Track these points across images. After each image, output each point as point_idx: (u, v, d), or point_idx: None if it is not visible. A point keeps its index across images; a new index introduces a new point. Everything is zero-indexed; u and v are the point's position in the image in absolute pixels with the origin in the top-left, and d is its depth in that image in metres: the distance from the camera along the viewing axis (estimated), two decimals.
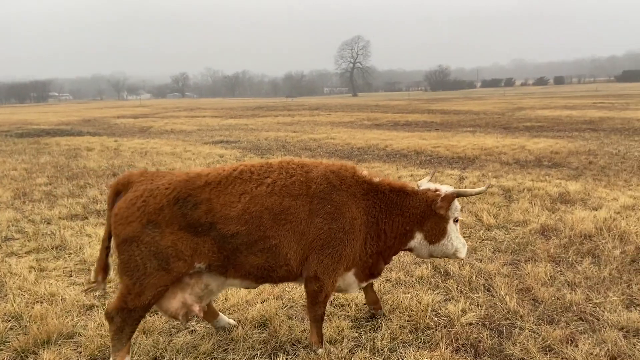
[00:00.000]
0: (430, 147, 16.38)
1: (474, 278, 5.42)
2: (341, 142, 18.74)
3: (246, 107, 57.98)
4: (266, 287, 5.16)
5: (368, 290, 4.58)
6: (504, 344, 4.12)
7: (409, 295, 5.01)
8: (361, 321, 4.58)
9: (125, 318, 3.52)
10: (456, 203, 4.05)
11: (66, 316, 4.61)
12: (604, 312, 4.60)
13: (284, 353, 3.99)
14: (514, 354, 3.95)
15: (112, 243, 3.58)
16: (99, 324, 4.45)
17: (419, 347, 4.08)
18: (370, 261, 4.02)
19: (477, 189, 4.18)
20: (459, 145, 16.63)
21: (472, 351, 4.01)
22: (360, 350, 4.02)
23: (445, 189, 4.04)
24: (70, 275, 5.74)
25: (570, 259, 5.93)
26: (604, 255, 5.99)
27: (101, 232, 7.08)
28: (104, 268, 3.76)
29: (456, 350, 4.02)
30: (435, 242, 4.06)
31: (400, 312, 4.69)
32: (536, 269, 5.56)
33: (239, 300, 4.86)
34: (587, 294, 4.98)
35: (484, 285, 5.29)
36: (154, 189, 3.49)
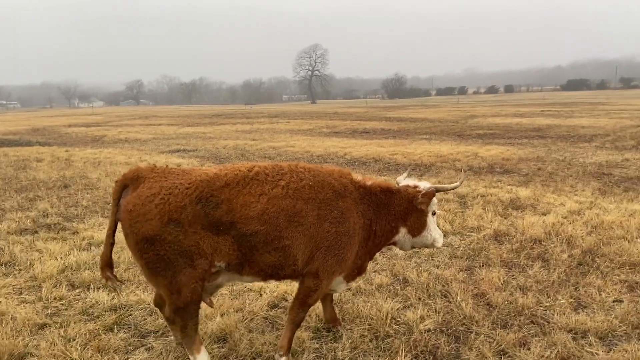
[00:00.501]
0: (388, 154, 16.65)
1: (431, 284, 5.55)
2: (300, 150, 18.79)
3: (204, 114, 57.25)
4: (226, 300, 5.12)
5: (327, 306, 4.62)
6: (460, 349, 4.23)
7: (369, 304, 5.07)
8: (322, 332, 4.60)
9: (183, 315, 3.62)
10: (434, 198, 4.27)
11: (17, 336, 4.42)
12: (553, 314, 4.80)
13: None
14: (470, 358, 4.06)
15: (129, 241, 3.53)
16: (51, 343, 4.29)
17: (379, 356, 4.14)
18: (359, 262, 4.18)
19: (452, 185, 4.44)
20: (415, 152, 16.98)
21: (431, 357, 4.10)
22: None
23: (423, 185, 4.25)
24: (21, 293, 5.51)
25: (521, 264, 6.15)
26: (552, 259, 6.24)
27: (52, 246, 6.86)
28: (108, 264, 3.77)
29: (415, 357, 4.11)
30: (417, 234, 4.27)
31: (360, 321, 4.74)
32: (490, 274, 5.75)
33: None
34: (538, 298, 5.18)
35: (441, 291, 5.41)
36: (173, 187, 3.49)
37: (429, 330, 4.55)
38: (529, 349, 4.18)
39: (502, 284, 5.54)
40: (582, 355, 4.07)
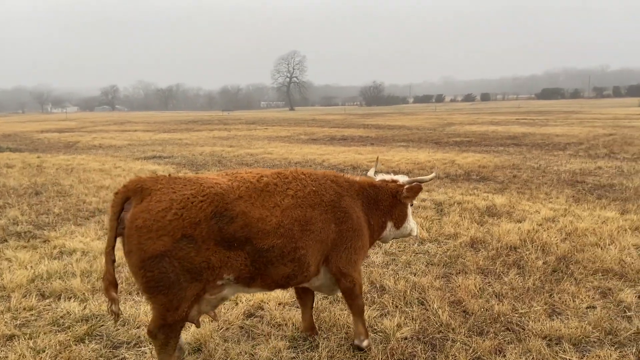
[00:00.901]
0: (366, 161, 16.70)
1: (408, 292, 5.55)
2: (278, 156, 18.73)
3: (180, 120, 56.74)
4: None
5: (306, 314, 4.60)
6: (437, 357, 4.23)
7: (346, 312, 5.03)
8: (298, 340, 4.55)
9: (168, 333, 3.45)
10: None
11: None
12: (528, 321, 4.83)
13: None
14: None
15: (132, 258, 3.24)
16: (20, 355, 4.15)
17: None
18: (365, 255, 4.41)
19: (429, 176, 4.64)
20: (393, 159, 17.07)
21: None
22: None
23: (401, 178, 4.43)
24: None
25: (497, 271, 6.20)
26: (528, 266, 6.31)
27: (22, 255, 6.67)
28: (112, 283, 3.43)
29: None
30: (400, 226, 4.47)
31: (337, 330, 4.71)
32: (466, 281, 5.77)
33: None
34: (513, 305, 5.22)
35: (418, 299, 5.42)
36: (186, 201, 3.27)
37: (405, 338, 4.54)
38: (505, 356, 4.20)
39: (478, 291, 5.57)
40: None
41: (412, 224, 4.53)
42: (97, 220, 8.82)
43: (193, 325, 4.66)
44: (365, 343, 4.26)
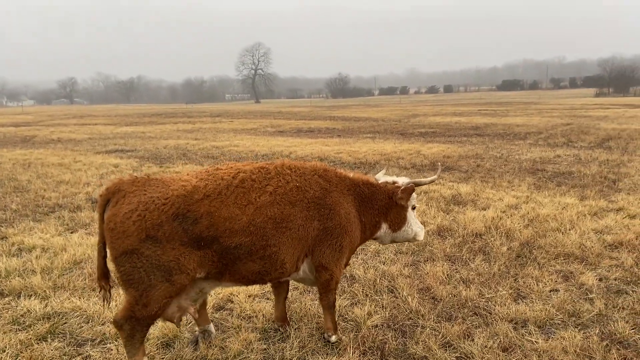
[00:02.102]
0: (333, 153, 16.72)
1: (378, 281, 5.58)
2: (245, 149, 18.54)
3: (143, 113, 55.49)
4: None
5: (280, 304, 4.55)
6: (407, 343, 4.27)
7: (317, 302, 5.03)
8: (269, 332, 4.52)
9: (134, 325, 3.46)
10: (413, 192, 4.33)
11: None
12: (495, 306, 4.94)
13: None
14: (417, 352, 4.10)
15: (110, 254, 3.43)
16: None
17: (327, 354, 4.10)
18: (354, 252, 4.30)
19: (429, 178, 4.52)
20: (360, 151, 17.15)
21: (379, 353, 4.11)
22: None
23: (402, 180, 4.33)
24: None
25: (464, 257, 6.31)
26: (493, 252, 6.44)
27: None
28: (104, 274, 3.64)
29: (363, 353, 4.10)
30: (397, 229, 4.36)
31: (308, 320, 4.70)
32: (434, 268, 5.85)
33: None
34: (480, 290, 5.32)
35: (387, 287, 5.46)
36: (150, 203, 3.36)
37: (376, 326, 4.57)
38: (473, 340, 4.27)
39: (446, 278, 5.65)
40: (523, 344, 4.20)
41: (415, 228, 4.39)
42: (57, 215, 8.53)
43: (162, 319, 4.59)
44: (333, 338, 4.25)
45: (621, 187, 10.39)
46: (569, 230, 7.23)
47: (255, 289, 5.34)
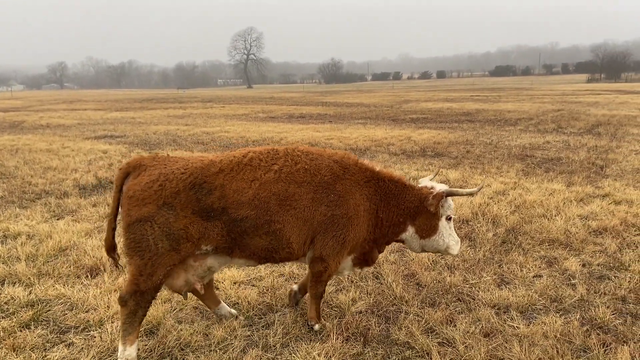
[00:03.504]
0: (324, 139, 16.68)
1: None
2: (235, 135, 18.44)
3: (134, 99, 55.00)
4: None
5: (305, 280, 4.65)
6: (390, 329, 4.30)
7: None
8: (254, 319, 4.53)
9: (139, 301, 3.60)
10: (449, 201, 4.15)
11: None
12: (479, 291, 4.98)
13: (171, 358, 3.83)
14: (400, 338, 4.14)
15: (122, 223, 3.59)
16: None
17: (311, 340, 4.12)
18: (367, 248, 4.21)
19: (468, 190, 4.36)
20: (351, 137, 17.11)
21: (361, 339, 4.13)
22: (253, 349, 3.98)
23: (439, 187, 4.15)
24: None
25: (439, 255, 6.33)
26: (479, 238, 6.48)
27: None
28: (112, 247, 3.83)
29: (346, 339, 4.12)
30: (426, 237, 4.19)
31: (293, 306, 4.71)
32: (420, 254, 5.87)
33: None
34: (465, 276, 5.36)
35: (373, 273, 5.48)
36: (170, 173, 3.60)
37: (360, 312, 4.60)
38: (455, 325, 4.31)
39: (431, 264, 5.68)
40: (504, 329, 4.24)
41: (447, 240, 4.19)
42: (43, 202, 8.47)
43: None
44: (317, 327, 4.26)
45: (608, 173, 10.46)
46: (555, 216, 7.28)
47: (240, 275, 5.35)
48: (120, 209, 3.65)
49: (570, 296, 4.87)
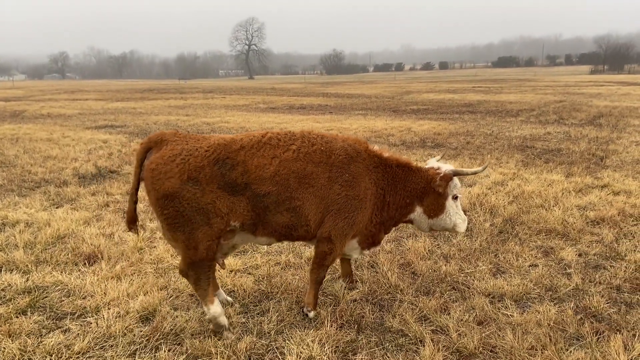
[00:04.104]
0: (324, 129, 16.65)
1: (360, 256, 5.60)
2: (235, 125, 18.43)
3: (135, 89, 54.92)
4: (149, 279, 4.95)
5: (344, 264, 4.87)
6: (384, 317, 4.32)
7: (298, 277, 5.08)
8: (249, 306, 4.56)
9: (197, 269, 3.81)
10: (455, 181, 4.29)
11: None
12: (474, 280, 4.99)
13: (166, 345, 3.85)
14: (393, 325, 4.16)
15: (150, 198, 3.72)
16: None
17: (305, 327, 4.15)
18: (373, 230, 4.30)
19: (474, 169, 4.44)
20: (350, 127, 17.09)
21: (355, 326, 4.16)
22: (247, 336, 4.00)
23: (445, 168, 4.29)
24: None
25: (446, 233, 6.35)
26: (476, 228, 6.49)
27: None
28: (133, 218, 4.03)
29: (340, 327, 4.14)
30: (434, 216, 4.33)
31: (288, 294, 4.74)
32: (416, 244, 5.89)
33: (118, 294, 4.60)
34: (460, 265, 5.37)
35: (369, 262, 5.50)
36: (193, 149, 3.70)
37: (355, 300, 4.61)
38: (449, 313, 4.33)
39: (427, 253, 5.70)
40: (498, 317, 4.26)
41: (455, 218, 4.31)
42: (42, 191, 8.49)
43: (142, 293, 4.64)
44: (312, 314, 4.30)
45: (608, 164, 10.44)
46: (553, 206, 7.28)
47: (237, 264, 5.37)
48: (142, 184, 3.78)
49: (565, 285, 4.88)
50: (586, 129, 15.84)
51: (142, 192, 3.95)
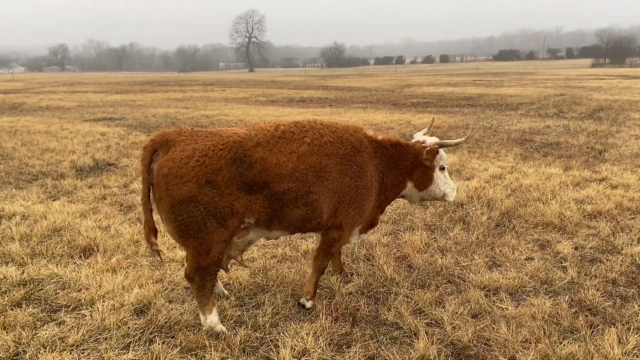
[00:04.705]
0: None
1: (356, 249, 5.61)
2: (235, 118, 18.38)
3: (134, 82, 54.77)
4: (145, 272, 4.95)
5: (335, 259, 4.86)
6: (379, 310, 4.32)
7: (294, 270, 5.07)
8: (244, 299, 4.56)
9: (203, 276, 3.71)
10: (441, 153, 4.36)
11: None
12: (469, 273, 4.99)
13: (160, 338, 3.85)
14: (388, 318, 4.16)
15: (162, 204, 3.53)
16: None
17: (300, 320, 4.14)
18: (373, 214, 4.37)
19: (456, 140, 4.54)
20: (350, 121, 17.03)
21: (350, 319, 4.16)
22: (242, 328, 4.00)
23: (430, 140, 4.35)
24: None
25: (443, 226, 6.35)
26: (473, 221, 6.48)
27: None
28: (153, 230, 3.77)
29: (335, 319, 4.14)
30: (424, 188, 4.44)
31: (284, 287, 4.73)
32: (413, 237, 5.89)
33: (114, 287, 4.60)
34: (456, 258, 5.37)
35: (365, 255, 5.49)
36: (206, 149, 3.51)
37: (350, 293, 4.61)
38: (444, 306, 4.32)
39: (423, 247, 5.69)
40: (493, 310, 4.26)
41: (444, 188, 4.44)
42: (40, 183, 8.48)
43: (137, 286, 4.63)
44: (309, 304, 4.31)
45: (607, 157, 10.41)
46: (550, 200, 7.26)
47: None
48: (153, 189, 3.59)
49: (560, 278, 4.88)
50: (586, 123, 15.80)
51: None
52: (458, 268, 5.13)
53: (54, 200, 7.49)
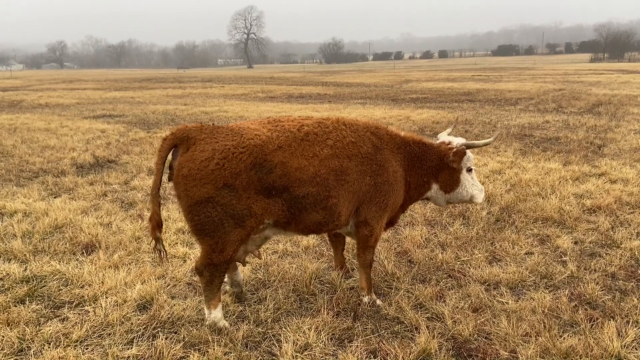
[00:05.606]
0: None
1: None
2: (234, 115, 18.39)
3: (133, 78, 54.67)
4: (147, 268, 4.97)
5: (338, 255, 4.89)
6: (380, 305, 4.34)
7: (295, 265, 5.10)
8: (246, 294, 4.58)
9: (213, 272, 3.72)
10: (468, 154, 4.31)
11: None
12: (469, 268, 5.02)
13: (164, 333, 3.88)
14: (389, 313, 4.18)
15: (182, 203, 3.56)
16: None
17: (301, 315, 4.17)
18: (395, 211, 4.33)
19: (484, 141, 4.51)
20: (349, 117, 17.02)
21: (352, 314, 4.18)
22: (244, 324, 4.03)
23: (457, 141, 4.30)
24: None
25: (443, 222, 6.38)
26: (472, 216, 6.51)
27: None
28: (159, 223, 3.71)
29: (337, 314, 4.17)
30: (450, 191, 4.39)
31: (285, 283, 4.76)
32: (413, 232, 5.92)
33: (116, 283, 4.62)
34: (457, 253, 5.40)
35: None
36: (227, 151, 3.46)
37: (351, 288, 4.64)
38: (445, 301, 4.35)
39: (424, 242, 5.72)
40: (493, 304, 4.29)
41: (471, 190, 4.39)
42: (41, 180, 8.50)
43: (139, 282, 4.66)
44: (366, 299, 4.29)
45: (606, 152, 10.44)
46: (550, 194, 7.29)
47: None
48: (173, 184, 3.57)
49: (560, 273, 4.91)
50: (585, 117, 15.82)
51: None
52: (458, 263, 5.17)
53: (55, 198, 7.51)
